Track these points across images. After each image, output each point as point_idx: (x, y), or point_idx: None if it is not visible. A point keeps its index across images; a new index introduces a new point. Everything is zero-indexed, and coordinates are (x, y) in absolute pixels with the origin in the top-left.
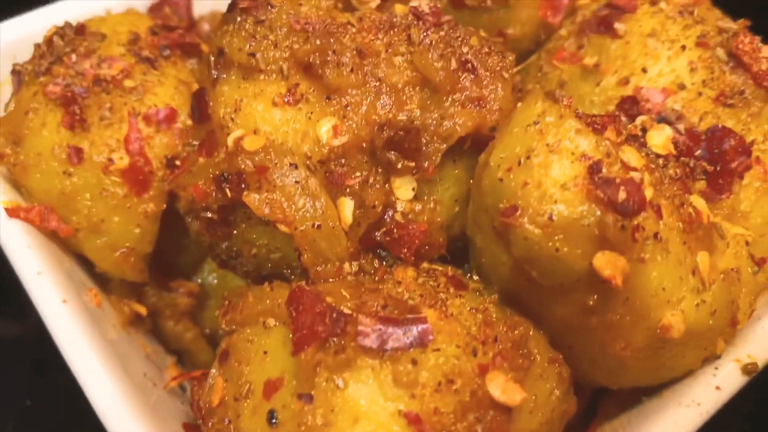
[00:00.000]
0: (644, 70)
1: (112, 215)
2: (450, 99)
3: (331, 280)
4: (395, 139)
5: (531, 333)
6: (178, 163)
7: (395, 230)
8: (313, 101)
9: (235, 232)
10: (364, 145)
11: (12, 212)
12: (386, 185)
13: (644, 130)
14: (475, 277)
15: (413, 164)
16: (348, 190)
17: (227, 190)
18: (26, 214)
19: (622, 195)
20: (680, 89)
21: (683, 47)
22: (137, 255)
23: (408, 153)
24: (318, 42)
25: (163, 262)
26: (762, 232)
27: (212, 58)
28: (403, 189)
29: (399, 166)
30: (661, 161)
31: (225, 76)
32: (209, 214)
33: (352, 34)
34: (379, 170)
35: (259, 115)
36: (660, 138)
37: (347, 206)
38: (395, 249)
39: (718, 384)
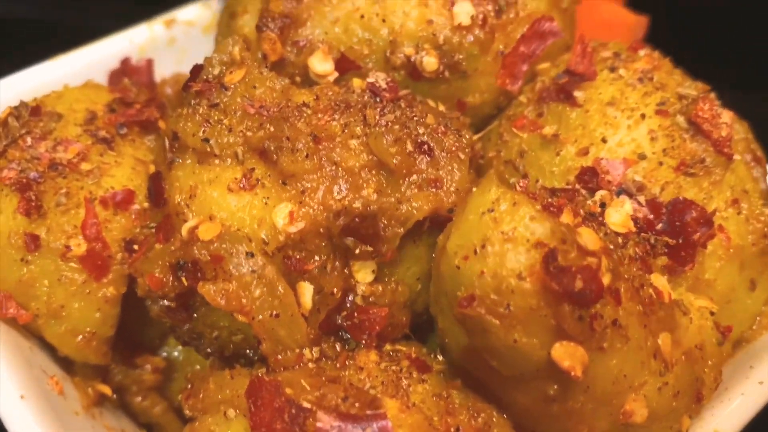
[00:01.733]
0: (604, 140)
1: (71, 301)
2: (407, 182)
3: (292, 366)
4: (352, 225)
5: (494, 419)
6: (136, 247)
7: (356, 314)
8: (269, 186)
9: (195, 315)
10: (322, 230)
11: None
12: (345, 269)
13: (603, 206)
14: (440, 357)
15: (371, 249)
16: (306, 275)
17: (183, 279)
18: None
19: (578, 284)
20: (641, 159)
21: (643, 116)
22: (99, 339)
23: (366, 238)
24: (272, 128)
25: (128, 337)
26: (727, 299)
27: (167, 141)
28: (363, 272)
29: (357, 251)
30: (620, 240)
31: (180, 160)
32: (167, 302)
33: (308, 116)
34: (338, 254)
35: (214, 202)
36: (619, 216)
37: (306, 291)
38: (356, 334)
39: None
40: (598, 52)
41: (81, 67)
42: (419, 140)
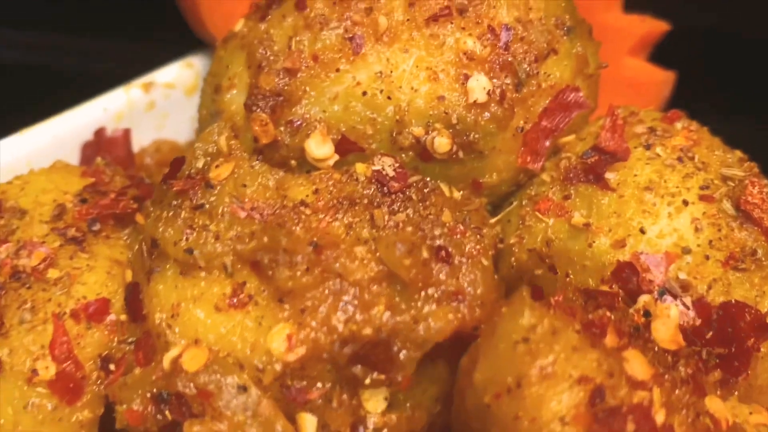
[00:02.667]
0: (642, 231)
1: (40, 430)
2: (423, 294)
3: None
4: (361, 353)
5: None
6: (112, 367)
7: None
8: (263, 304)
9: None
10: (325, 355)
11: None
12: (353, 400)
13: (647, 314)
14: None
15: (383, 377)
16: (309, 404)
17: (167, 413)
18: None
19: (630, 428)
20: (685, 253)
21: (685, 202)
22: None
23: (377, 365)
24: (265, 239)
25: None
26: None
27: (145, 248)
28: (374, 401)
29: (367, 381)
30: (670, 358)
31: (159, 269)
32: None
33: (306, 217)
34: (344, 382)
35: (200, 323)
36: (667, 330)
37: (309, 424)
38: None
39: None
40: (629, 125)
41: (49, 142)
42: (436, 245)
